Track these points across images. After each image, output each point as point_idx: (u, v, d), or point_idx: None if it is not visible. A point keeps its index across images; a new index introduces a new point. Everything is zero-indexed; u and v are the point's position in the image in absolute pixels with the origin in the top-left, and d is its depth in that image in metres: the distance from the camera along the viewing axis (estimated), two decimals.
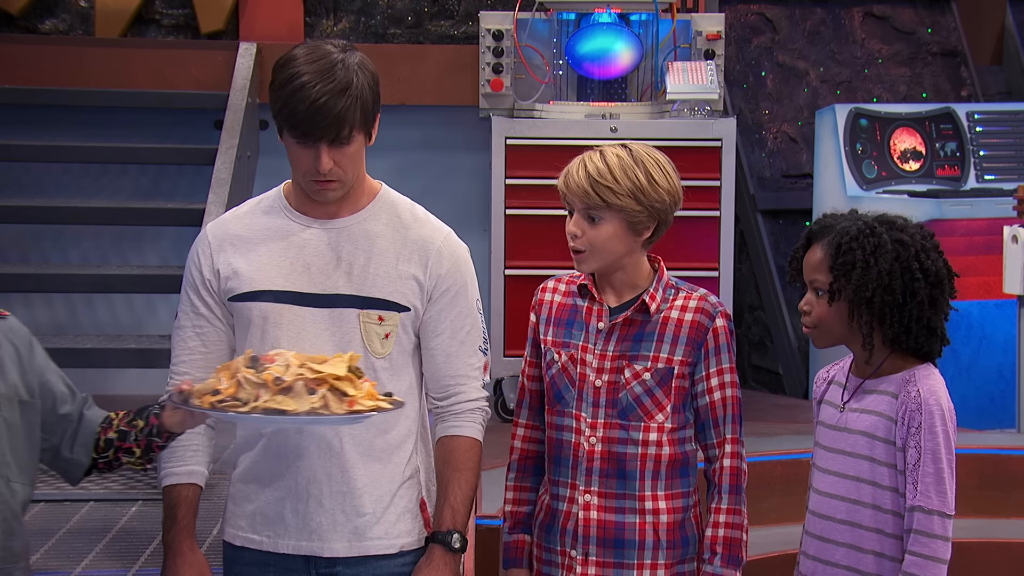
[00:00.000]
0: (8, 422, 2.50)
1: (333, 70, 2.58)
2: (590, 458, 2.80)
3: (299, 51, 2.64)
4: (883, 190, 6.49)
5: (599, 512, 2.80)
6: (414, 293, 2.73)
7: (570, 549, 2.81)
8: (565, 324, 2.86)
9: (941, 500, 2.65)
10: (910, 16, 7.94)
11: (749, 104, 7.65)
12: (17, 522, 2.51)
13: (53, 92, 6.56)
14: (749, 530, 2.88)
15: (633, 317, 2.80)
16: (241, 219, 2.79)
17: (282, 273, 2.71)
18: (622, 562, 2.79)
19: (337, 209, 2.73)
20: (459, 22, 7.14)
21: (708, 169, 5.89)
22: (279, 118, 2.63)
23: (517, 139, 5.87)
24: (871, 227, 2.75)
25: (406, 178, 7.13)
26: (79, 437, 2.62)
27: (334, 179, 2.65)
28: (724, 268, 5.92)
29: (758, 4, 7.81)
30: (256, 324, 2.71)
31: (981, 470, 5.10)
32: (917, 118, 6.72)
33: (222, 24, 6.95)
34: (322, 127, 2.57)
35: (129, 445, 2.59)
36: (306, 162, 2.63)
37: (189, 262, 2.79)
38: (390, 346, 2.72)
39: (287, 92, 2.58)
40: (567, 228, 2.81)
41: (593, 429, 2.80)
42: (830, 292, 2.76)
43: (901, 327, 2.72)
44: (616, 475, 2.79)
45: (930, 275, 2.73)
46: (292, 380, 2.42)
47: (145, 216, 6.12)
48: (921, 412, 2.68)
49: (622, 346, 2.80)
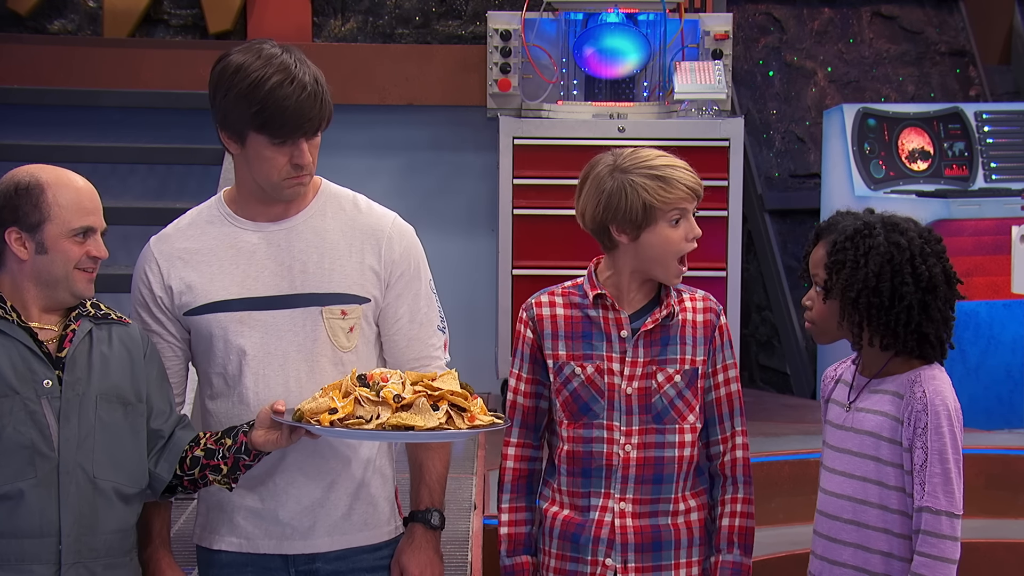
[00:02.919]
0: (104, 421, 2.58)
1: (295, 68, 2.61)
2: (625, 466, 2.80)
3: (244, 56, 2.62)
4: (891, 190, 6.49)
5: (634, 519, 2.81)
6: (372, 283, 2.74)
7: (604, 558, 2.81)
8: (582, 336, 2.84)
9: (949, 500, 2.65)
10: (918, 16, 7.93)
11: (757, 104, 7.65)
12: (98, 518, 2.56)
13: (61, 92, 6.57)
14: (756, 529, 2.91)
15: (660, 323, 2.82)
16: (185, 232, 2.78)
17: (236, 281, 2.71)
18: (660, 564, 2.82)
19: (283, 209, 2.74)
20: (467, 22, 7.15)
21: (716, 169, 5.88)
22: (252, 123, 2.61)
23: (525, 139, 5.87)
24: (870, 227, 2.75)
25: (414, 178, 7.15)
26: (165, 453, 2.68)
27: (308, 172, 2.68)
28: (732, 268, 5.92)
29: (766, 4, 7.80)
30: (217, 335, 2.71)
31: (989, 470, 5.10)
32: (925, 118, 6.72)
33: (230, 24, 6.96)
34: (307, 122, 2.61)
35: (216, 463, 2.64)
36: (282, 161, 2.64)
37: (136, 280, 2.79)
38: (355, 339, 2.73)
39: (263, 95, 2.58)
40: (688, 236, 2.87)
41: (628, 437, 2.80)
42: (824, 289, 2.78)
43: (887, 330, 2.71)
44: (652, 480, 2.81)
45: (922, 281, 2.71)
46: (413, 398, 2.49)
47: (153, 216, 6.12)
48: (927, 413, 2.67)
49: (651, 351, 2.81)
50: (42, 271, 2.58)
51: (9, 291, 2.59)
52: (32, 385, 2.53)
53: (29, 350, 2.55)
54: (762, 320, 7.63)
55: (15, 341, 2.55)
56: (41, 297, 2.60)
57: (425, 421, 2.48)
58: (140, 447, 2.64)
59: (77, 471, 2.54)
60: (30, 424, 2.51)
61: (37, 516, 2.51)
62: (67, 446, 2.53)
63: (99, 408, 2.58)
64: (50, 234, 2.56)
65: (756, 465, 5.18)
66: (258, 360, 2.70)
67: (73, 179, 2.61)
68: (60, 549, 2.52)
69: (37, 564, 2.51)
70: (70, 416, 2.55)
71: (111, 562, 2.59)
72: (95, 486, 2.56)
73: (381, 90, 6.70)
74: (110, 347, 2.64)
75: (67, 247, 2.58)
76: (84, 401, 2.56)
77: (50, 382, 2.55)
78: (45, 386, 2.54)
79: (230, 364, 2.71)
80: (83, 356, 2.60)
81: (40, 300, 2.60)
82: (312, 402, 2.52)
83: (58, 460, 2.53)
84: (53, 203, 2.56)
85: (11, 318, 2.57)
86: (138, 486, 2.64)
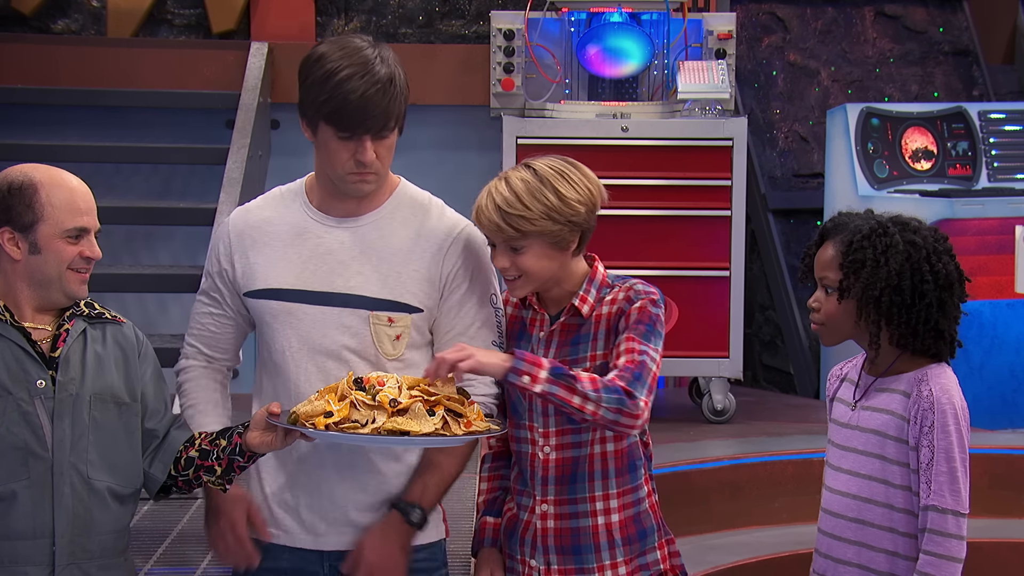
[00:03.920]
0: (98, 421, 2.57)
1: (373, 63, 2.60)
2: (545, 467, 2.77)
3: (330, 47, 2.64)
4: (894, 189, 6.48)
5: (555, 520, 2.78)
6: (426, 293, 2.71)
7: (530, 559, 2.80)
8: (516, 336, 2.83)
9: (955, 499, 2.65)
10: (922, 15, 7.93)
11: (760, 103, 7.65)
12: (93, 519, 2.55)
13: (65, 92, 6.59)
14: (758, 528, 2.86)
15: (568, 322, 2.77)
16: (264, 210, 2.80)
17: (294, 271, 2.72)
18: (582, 567, 2.78)
19: (357, 207, 2.73)
20: (470, 21, 7.15)
21: (719, 168, 5.88)
22: (320, 112, 2.61)
23: (528, 139, 5.87)
24: (884, 227, 2.75)
25: (417, 178, 7.12)
26: (160, 454, 2.67)
27: (373, 171, 2.66)
28: (735, 268, 5.92)
29: (769, 3, 7.80)
30: (268, 321, 2.73)
31: (993, 470, 5.10)
32: (929, 117, 6.71)
33: (234, 24, 6.97)
34: (371, 119, 2.59)
35: (210, 464, 2.63)
36: (345, 156, 2.63)
37: (211, 248, 2.82)
38: (402, 347, 2.71)
39: (332, 86, 2.58)
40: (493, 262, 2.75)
41: (546, 438, 2.77)
42: (840, 289, 2.76)
43: (908, 328, 2.71)
44: (570, 480, 2.77)
45: (940, 278, 2.72)
46: (409, 403, 2.47)
47: (157, 216, 6.14)
48: (934, 411, 2.67)
49: (562, 351, 2.76)
50: (35, 271, 2.56)
51: (2, 291, 2.58)
52: (25, 385, 2.52)
53: (22, 350, 2.54)
54: (765, 320, 7.63)
55: (8, 341, 2.54)
56: (34, 297, 2.59)
57: (420, 426, 2.46)
58: (135, 447, 2.63)
59: (71, 472, 2.53)
60: (23, 425, 2.50)
61: (30, 517, 2.50)
62: (61, 446, 2.52)
63: (93, 408, 2.57)
64: (43, 234, 2.55)
65: (760, 465, 5.22)
66: (302, 354, 2.70)
67: (67, 179, 2.60)
68: (54, 550, 2.50)
69: (31, 565, 2.50)
70: (64, 416, 2.53)
71: (105, 563, 2.58)
72: (89, 487, 2.55)
73: None
74: (104, 347, 2.63)
75: (60, 247, 2.56)
76: (78, 401, 2.55)
77: (43, 382, 2.54)
78: (38, 386, 2.53)
79: (275, 352, 2.73)
80: (77, 356, 2.59)
81: (33, 300, 2.59)
82: (308, 405, 2.50)
83: (52, 461, 2.51)
84: (46, 203, 2.54)
85: (4, 318, 2.55)
86: (132, 486, 2.63)
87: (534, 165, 2.72)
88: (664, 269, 5.75)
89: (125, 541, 2.65)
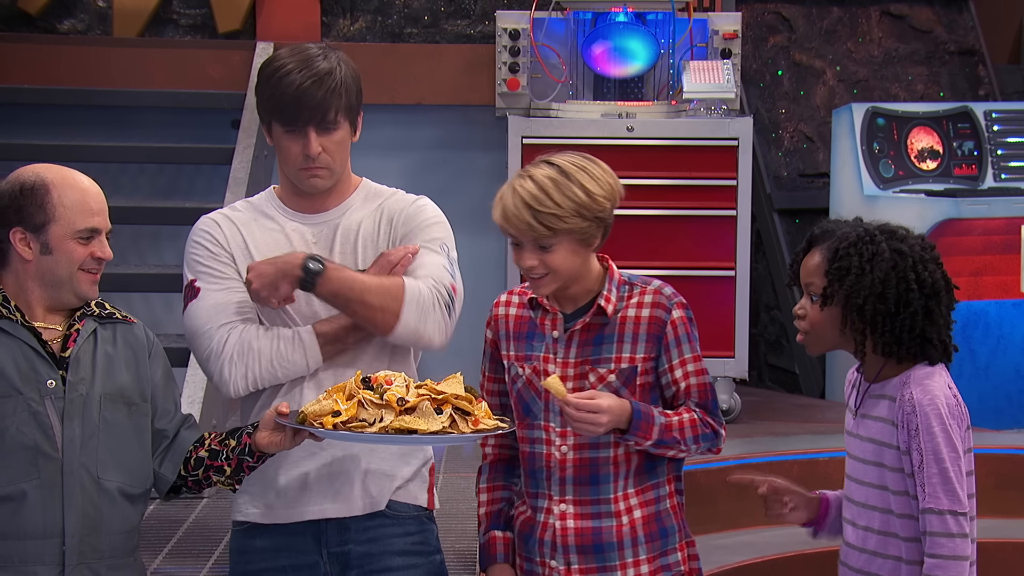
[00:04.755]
0: (108, 421, 2.58)
1: (315, 60, 2.70)
2: (562, 467, 2.77)
3: (283, 51, 2.76)
4: (900, 189, 6.47)
5: (575, 520, 2.77)
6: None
7: (550, 560, 2.78)
8: (525, 337, 2.82)
9: (951, 499, 2.63)
10: (927, 15, 7.92)
11: (766, 103, 7.64)
12: (103, 519, 2.56)
13: (71, 92, 6.59)
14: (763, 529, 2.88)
15: (591, 322, 2.76)
16: (238, 213, 2.85)
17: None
18: (604, 565, 2.77)
19: (324, 202, 2.81)
20: (475, 21, 7.15)
21: (724, 168, 5.88)
22: (266, 109, 2.73)
23: (533, 138, 5.86)
24: (871, 235, 2.74)
25: (422, 177, 7.15)
26: (170, 454, 2.69)
27: (323, 166, 2.74)
28: (740, 267, 5.91)
29: (775, 3, 7.80)
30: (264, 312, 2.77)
31: (999, 470, 5.08)
32: (934, 117, 6.70)
33: (239, 24, 6.97)
34: (308, 110, 2.67)
35: (220, 464, 2.65)
36: (295, 150, 2.72)
37: (202, 240, 2.79)
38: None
39: (272, 82, 2.70)
40: (519, 262, 2.73)
41: (563, 438, 2.76)
42: (823, 296, 2.75)
43: (892, 336, 2.70)
44: (589, 481, 2.77)
45: (926, 286, 2.70)
46: (416, 401, 2.49)
47: (163, 215, 6.15)
48: (916, 414, 2.66)
49: (583, 351, 2.76)
50: (46, 272, 2.57)
51: (13, 291, 2.59)
52: (36, 385, 2.53)
53: (33, 350, 2.55)
54: (771, 320, 7.63)
55: (19, 341, 2.55)
56: (45, 297, 2.60)
57: (428, 425, 2.48)
58: (144, 447, 2.65)
59: (81, 471, 2.54)
60: (33, 425, 2.51)
61: (40, 517, 2.51)
62: (71, 446, 2.53)
63: (103, 408, 2.58)
64: (55, 235, 2.56)
65: (764, 464, 5.20)
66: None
67: (79, 179, 2.61)
68: (64, 550, 2.51)
69: (40, 565, 2.51)
70: (74, 416, 2.55)
71: (115, 563, 2.59)
72: (99, 486, 2.56)
73: (390, 89, 6.71)
74: (114, 347, 2.64)
75: (71, 248, 2.57)
76: (88, 401, 2.56)
77: (54, 382, 2.55)
78: (49, 386, 2.54)
79: None
80: (87, 356, 2.60)
81: (44, 300, 2.60)
82: (316, 404, 2.52)
83: (62, 461, 2.53)
84: (58, 204, 2.56)
85: (15, 318, 2.56)
86: (142, 486, 2.64)
87: (556, 162, 2.71)
88: (669, 269, 5.74)
89: (135, 541, 2.66)
